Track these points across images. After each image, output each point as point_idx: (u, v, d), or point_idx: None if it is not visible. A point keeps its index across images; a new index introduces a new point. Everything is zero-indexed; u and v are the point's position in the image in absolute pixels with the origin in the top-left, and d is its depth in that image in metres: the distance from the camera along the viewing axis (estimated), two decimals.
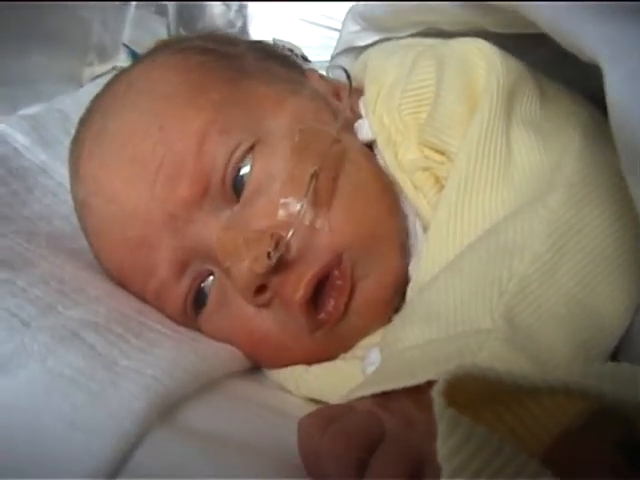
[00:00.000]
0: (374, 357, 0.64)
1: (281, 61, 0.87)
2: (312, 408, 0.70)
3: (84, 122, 0.81)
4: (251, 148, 0.71)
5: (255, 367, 0.78)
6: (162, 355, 0.62)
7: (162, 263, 0.72)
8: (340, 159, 0.73)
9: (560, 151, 0.65)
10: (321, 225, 0.70)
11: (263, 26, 1.71)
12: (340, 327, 0.73)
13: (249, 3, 1.73)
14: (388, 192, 0.76)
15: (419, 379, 0.50)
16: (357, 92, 0.84)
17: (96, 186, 0.75)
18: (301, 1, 1.60)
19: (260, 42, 0.94)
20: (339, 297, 0.71)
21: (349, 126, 0.80)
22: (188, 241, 0.71)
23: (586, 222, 0.60)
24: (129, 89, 0.78)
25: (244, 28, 1.74)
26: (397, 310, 0.73)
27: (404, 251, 0.76)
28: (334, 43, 1.05)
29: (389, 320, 0.72)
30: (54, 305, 0.63)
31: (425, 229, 0.74)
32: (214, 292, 0.74)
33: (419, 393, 0.50)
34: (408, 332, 0.58)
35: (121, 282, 0.77)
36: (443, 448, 0.36)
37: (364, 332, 0.75)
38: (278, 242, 0.67)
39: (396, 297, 0.75)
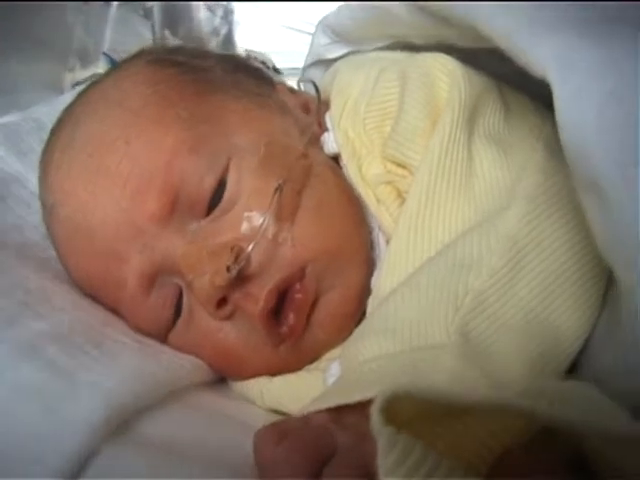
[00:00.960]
0: (335, 369, 0.64)
1: (251, 74, 0.87)
2: (274, 419, 0.72)
3: (55, 131, 0.81)
4: (226, 167, 0.71)
5: (220, 378, 0.79)
6: (123, 366, 0.62)
7: (131, 276, 0.72)
8: (306, 173, 0.74)
9: (522, 163, 0.65)
10: (284, 239, 0.70)
11: (248, 33, 1.72)
12: (304, 340, 0.73)
13: (235, 10, 1.74)
14: (354, 206, 0.77)
15: (371, 393, 0.50)
16: (325, 105, 0.84)
17: (63, 196, 0.75)
18: (282, 1, 1.61)
19: (230, 55, 0.94)
20: (299, 311, 0.71)
21: (316, 140, 0.80)
22: (156, 255, 0.71)
23: (545, 236, 0.60)
24: (99, 99, 0.78)
25: (229, 35, 1.75)
26: (359, 323, 0.74)
27: (369, 264, 0.76)
28: None
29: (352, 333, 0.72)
30: (16, 317, 0.63)
31: (388, 242, 0.74)
32: (185, 307, 0.74)
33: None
34: (367, 345, 0.58)
35: (90, 293, 0.77)
36: (383, 464, 0.37)
37: (329, 345, 0.76)
38: (238, 255, 0.67)
39: (360, 310, 0.75)
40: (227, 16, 1.76)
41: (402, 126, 0.70)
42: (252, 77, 0.86)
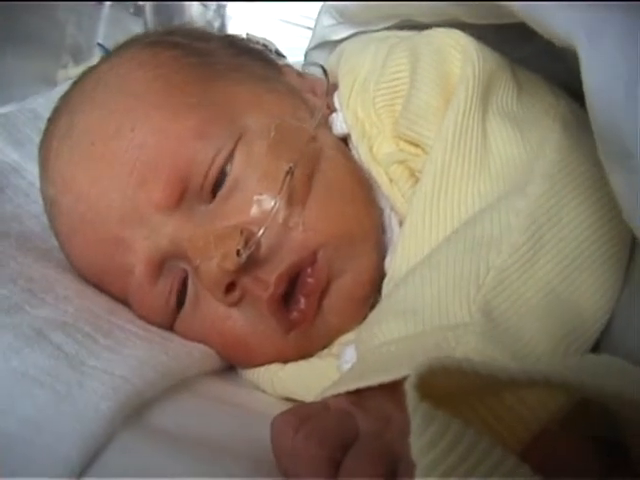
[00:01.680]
0: (349, 355, 0.63)
1: (256, 57, 0.85)
2: (287, 407, 0.70)
3: (52, 120, 0.79)
4: (234, 149, 0.70)
5: (229, 366, 0.77)
6: (131, 354, 0.61)
7: (137, 263, 0.70)
8: (316, 156, 0.72)
9: (539, 141, 0.64)
10: (295, 223, 0.69)
11: (241, 27, 1.70)
12: (316, 326, 0.72)
13: (227, 4, 1.72)
14: (364, 188, 0.75)
15: (394, 375, 0.48)
16: (333, 86, 0.83)
17: (64, 185, 0.73)
18: (276, 1, 1.60)
19: (232, 37, 0.91)
20: (310, 296, 0.70)
21: (325, 122, 0.79)
22: (162, 241, 0.69)
23: (565, 213, 0.58)
24: (97, 85, 0.76)
25: (222, 29, 1.73)
26: (373, 306, 0.71)
27: (380, 247, 0.75)
28: None
29: (365, 317, 0.70)
30: (21, 304, 0.61)
31: (401, 223, 0.73)
32: (190, 293, 0.72)
33: (395, 389, 0.49)
34: (384, 328, 0.56)
35: (95, 282, 0.76)
36: (417, 443, 0.35)
37: (340, 331, 0.74)
38: (248, 239, 0.65)
39: (372, 294, 0.74)
40: (220, 9, 1.75)
41: (414, 104, 0.68)
42: (257, 60, 0.84)
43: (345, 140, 0.78)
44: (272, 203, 0.67)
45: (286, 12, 1.66)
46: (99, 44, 1.44)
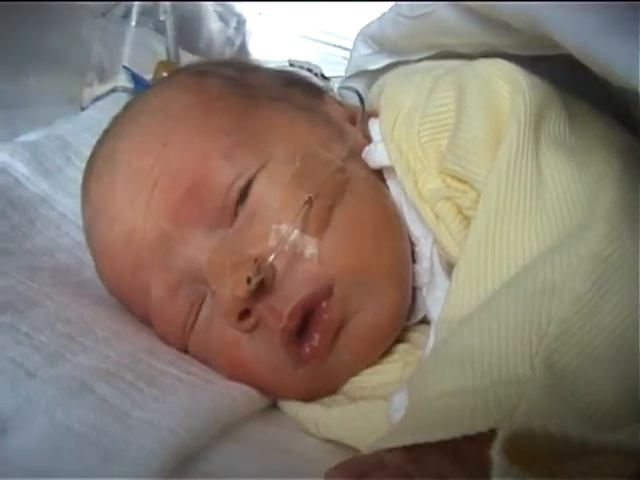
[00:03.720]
0: (399, 402, 0.61)
1: (299, 87, 0.85)
2: (333, 450, 0.69)
3: (98, 143, 0.81)
4: (255, 175, 0.70)
5: (271, 405, 0.75)
6: (176, 403, 0.59)
7: (156, 283, 0.71)
8: (340, 188, 0.71)
9: (597, 178, 0.61)
10: (311, 254, 0.68)
11: (262, 43, 1.70)
12: (329, 363, 0.70)
13: (248, 20, 1.72)
14: (391, 225, 0.74)
15: (455, 432, 0.46)
16: (370, 115, 0.82)
17: (102, 205, 0.74)
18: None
19: (282, 69, 0.92)
20: (325, 332, 0.68)
21: (359, 152, 0.78)
22: (181, 261, 0.70)
23: (628, 256, 0.56)
24: (142, 108, 0.79)
25: (243, 46, 1.73)
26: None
27: (406, 286, 0.74)
28: (332, 58, 1.03)
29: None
30: (61, 351, 0.61)
31: (442, 259, 0.71)
32: (204, 314, 0.72)
33: (453, 445, 0.47)
34: (440, 377, 0.54)
35: (121, 300, 0.77)
36: None
37: (354, 370, 0.73)
38: (260, 267, 0.65)
39: (393, 333, 0.74)
40: (240, 27, 1.74)
41: (462, 138, 0.66)
42: (300, 90, 0.84)
43: (380, 171, 0.77)
44: (286, 232, 0.67)
45: (305, 28, 1.65)
46: (124, 67, 1.44)
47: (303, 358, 0.69)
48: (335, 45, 1.53)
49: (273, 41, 1.70)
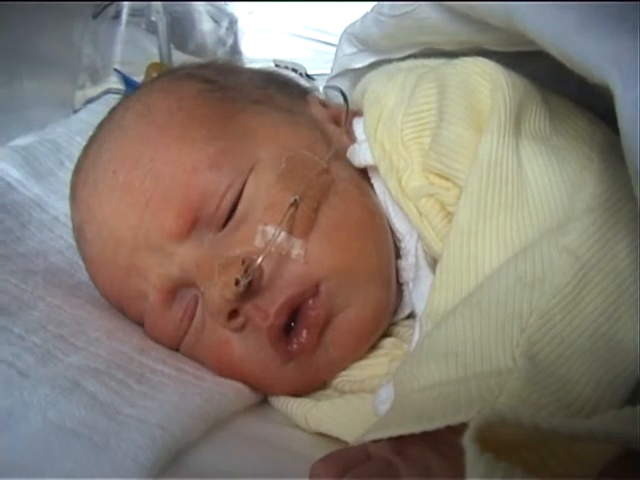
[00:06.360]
0: (386, 394, 0.62)
1: (282, 89, 0.86)
2: (321, 443, 0.70)
3: (85, 149, 0.82)
4: (245, 181, 0.71)
5: (262, 400, 0.76)
6: (166, 400, 0.60)
7: (151, 291, 0.72)
8: (325, 190, 0.73)
9: (577, 171, 0.62)
10: (297, 255, 0.69)
11: (254, 42, 1.71)
12: (316, 358, 0.72)
13: (239, 19, 1.72)
14: (374, 225, 0.75)
15: (438, 423, 0.48)
16: (354, 114, 0.83)
17: (89, 212, 0.76)
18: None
19: (263, 70, 0.93)
20: (312, 328, 0.70)
21: (343, 152, 0.79)
22: (174, 269, 0.71)
23: (607, 249, 0.57)
24: (125, 114, 0.79)
25: (235, 45, 1.73)
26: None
27: (389, 283, 0.75)
28: (323, 56, 1.04)
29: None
30: (53, 352, 0.62)
31: (427, 255, 0.72)
32: (197, 316, 0.74)
33: (437, 437, 0.49)
34: (424, 370, 0.55)
35: (115, 304, 0.78)
36: None
37: (341, 365, 0.75)
38: (248, 268, 0.66)
39: (378, 328, 0.75)
40: (232, 26, 1.75)
41: (444, 136, 0.67)
42: (283, 92, 0.85)
43: (365, 170, 0.78)
44: (273, 233, 0.68)
45: (297, 26, 1.66)
46: (115, 69, 1.45)
47: (291, 354, 0.70)
48: (327, 43, 1.54)
49: (265, 40, 1.71)
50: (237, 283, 0.65)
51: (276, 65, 0.97)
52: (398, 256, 0.77)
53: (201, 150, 0.72)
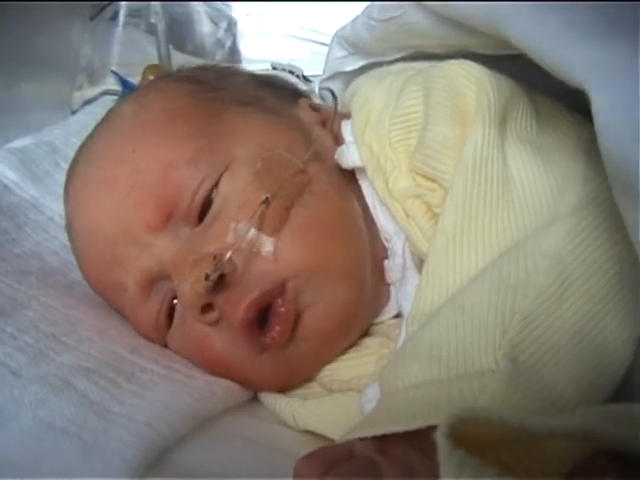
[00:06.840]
0: (372, 393, 0.62)
1: (274, 91, 0.88)
2: (309, 441, 0.71)
3: (80, 147, 0.85)
4: (220, 177, 0.73)
5: (251, 399, 0.77)
6: (155, 398, 0.61)
7: (130, 282, 0.74)
8: (300, 190, 0.73)
9: (563, 172, 0.63)
10: (267, 252, 0.70)
11: (252, 43, 1.71)
12: (288, 352, 0.72)
13: (238, 21, 1.73)
14: (346, 225, 0.76)
15: (420, 423, 0.48)
16: (342, 117, 0.84)
17: (77, 206, 0.79)
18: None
19: (260, 74, 0.95)
20: (283, 324, 0.70)
21: (325, 154, 0.80)
22: (152, 261, 0.73)
23: (591, 251, 0.57)
24: (119, 113, 0.82)
25: (234, 46, 1.74)
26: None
27: (359, 283, 0.76)
28: (320, 56, 1.05)
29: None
30: (45, 351, 0.63)
31: (414, 255, 0.73)
32: (178, 311, 0.75)
33: (420, 437, 0.49)
34: (408, 370, 0.56)
35: (102, 297, 0.81)
36: None
37: (316, 360, 0.76)
38: (218, 264, 0.67)
39: (348, 328, 0.76)
40: (230, 28, 1.75)
41: (429, 138, 0.68)
42: (273, 94, 0.86)
43: (352, 173, 0.79)
44: (243, 230, 0.69)
45: (294, 28, 1.67)
46: (112, 71, 1.46)
47: (264, 346, 0.71)
48: (323, 44, 1.54)
49: (264, 41, 1.72)
50: (207, 278, 0.66)
51: (273, 67, 0.98)
52: (385, 257, 0.78)
53: (183, 147, 0.74)
